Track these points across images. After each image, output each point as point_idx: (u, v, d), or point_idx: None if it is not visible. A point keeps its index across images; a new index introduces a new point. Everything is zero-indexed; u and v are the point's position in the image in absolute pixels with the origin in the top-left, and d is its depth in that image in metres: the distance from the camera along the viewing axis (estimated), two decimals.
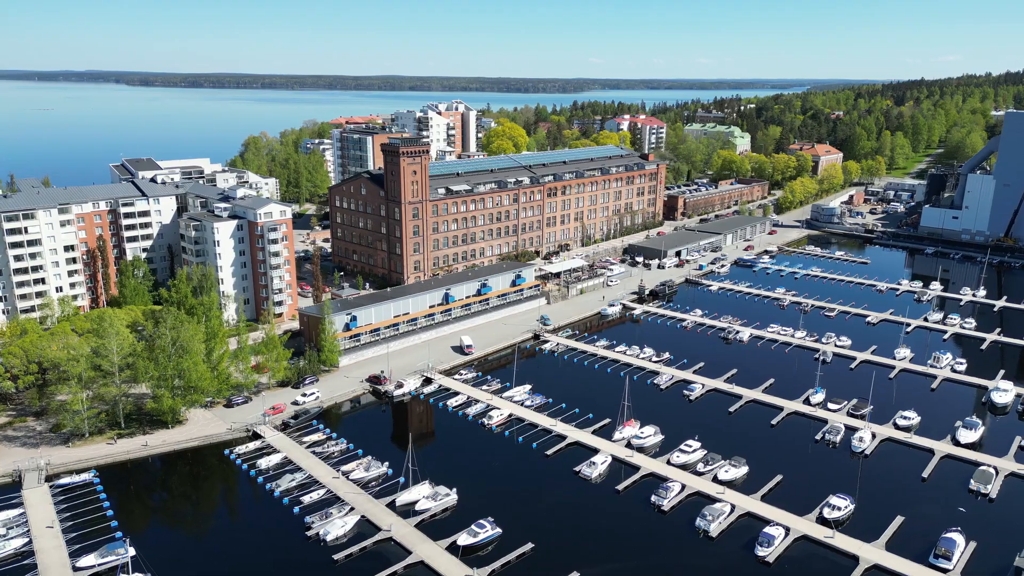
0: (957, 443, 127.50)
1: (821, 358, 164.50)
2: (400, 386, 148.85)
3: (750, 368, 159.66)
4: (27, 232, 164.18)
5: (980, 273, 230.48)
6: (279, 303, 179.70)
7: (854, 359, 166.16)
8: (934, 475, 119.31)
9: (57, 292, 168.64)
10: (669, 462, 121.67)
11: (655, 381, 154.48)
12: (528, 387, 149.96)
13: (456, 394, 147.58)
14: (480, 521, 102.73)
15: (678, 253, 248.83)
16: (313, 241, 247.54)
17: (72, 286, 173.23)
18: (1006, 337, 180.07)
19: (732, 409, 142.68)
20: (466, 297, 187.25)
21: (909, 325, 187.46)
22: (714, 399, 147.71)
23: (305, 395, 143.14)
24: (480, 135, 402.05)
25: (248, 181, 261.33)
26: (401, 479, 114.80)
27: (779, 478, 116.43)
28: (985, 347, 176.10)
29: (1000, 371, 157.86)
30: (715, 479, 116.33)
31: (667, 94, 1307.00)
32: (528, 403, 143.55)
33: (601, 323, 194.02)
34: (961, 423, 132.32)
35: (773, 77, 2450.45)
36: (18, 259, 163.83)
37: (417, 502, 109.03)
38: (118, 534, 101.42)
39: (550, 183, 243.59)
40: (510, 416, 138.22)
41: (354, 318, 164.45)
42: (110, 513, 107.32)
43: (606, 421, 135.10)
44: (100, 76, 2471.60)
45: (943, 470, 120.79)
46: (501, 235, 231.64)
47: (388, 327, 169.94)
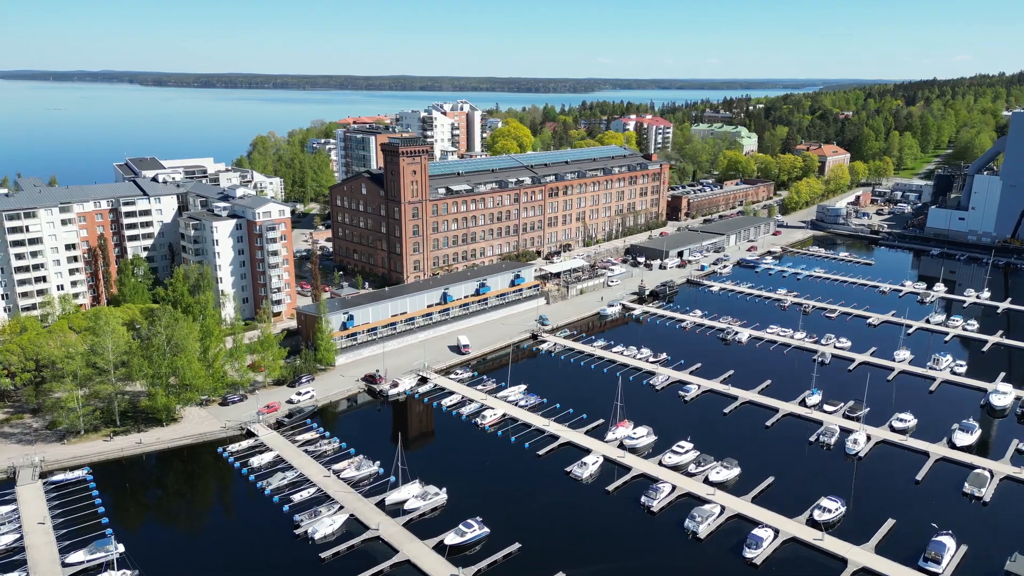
0: (953, 446, 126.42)
1: (819, 359, 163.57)
2: (395, 385, 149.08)
3: (747, 369, 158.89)
4: (28, 231, 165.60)
5: (985, 274, 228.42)
6: (277, 302, 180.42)
7: (853, 361, 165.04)
8: (928, 478, 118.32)
9: (58, 290, 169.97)
10: (661, 463, 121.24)
11: (651, 382, 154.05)
12: (523, 387, 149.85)
13: (451, 394, 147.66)
14: (468, 521, 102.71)
15: (680, 254, 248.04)
16: (316, 241, 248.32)
17: (73, 284, 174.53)
18: (1009, 339, 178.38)
19: (727, 410, 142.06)
20: (464, 297, 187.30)
21: (910, 327, 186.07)
22: (709, 400, 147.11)
23: (300, 394, 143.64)
24: (485, 135, 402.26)
25: (252, 180, 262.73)
26: (392, 478, 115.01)
27: (771, 480, 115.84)
28: (987, 349, 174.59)
29: (1000, 374, 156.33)
30: (706, 480, 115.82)
31: (678, 94, 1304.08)
32: (522, 403, 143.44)
33: (600, 324, 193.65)
34: (958, 426, 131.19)
35: (785, 77, 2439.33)
36: (19, 257, 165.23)
37: (406, 501, 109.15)
38: (108, 531, 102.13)
39: (551, 183, 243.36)
40: (504, 416, 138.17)
41: (351, 317, 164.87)
42: (101, 510, 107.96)
43: (599, 422, 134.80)
44: (114, 76, 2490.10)
45: (937, 473, 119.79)
46: (502, 235, 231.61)
47: (385, 326, 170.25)
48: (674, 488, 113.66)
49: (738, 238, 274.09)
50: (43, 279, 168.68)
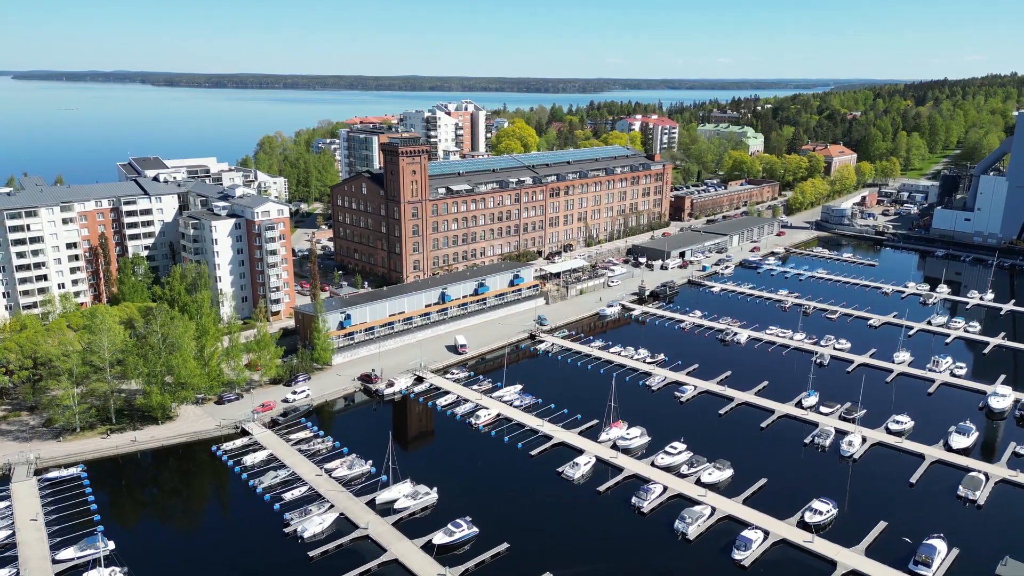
0: (949, 448, 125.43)
1: (818, 361, 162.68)
2: (391, 385, 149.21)
3: (745, 370, 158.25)
4: (30, 229, 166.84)
5: (990, 276, 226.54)
6: (276, 301, 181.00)
7: (851, 362, 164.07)
8: (922, 481, 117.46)
9: (59, 289, 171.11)
10: (653, 464, 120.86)
11: (647, 383, 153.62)
12: (519, 387, 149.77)
13: (446, 393, 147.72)
14: (457, 520, 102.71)
15: (682, 254, 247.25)
16: (318, 240, 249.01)
17: (74, 283, 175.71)
18: (1010, 341, 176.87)
19: (722, 411, 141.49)
20: (463, 296, 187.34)
21: (912, 328, 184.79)
22: (705, 401, 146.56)
23: (296, 393, 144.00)
24: (490, 135, 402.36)
25: (255, 180, 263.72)
26: (383, 478, 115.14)
27: (763, 481, 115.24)
28: (988, 351, 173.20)
29: (1001, 376, 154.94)
30: (698, 481, 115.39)
31: (687, 94, 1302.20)
32: (517, 403, 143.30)
33: (600, 324, 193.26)
34: (955, 428, 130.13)
35: (796, 77, 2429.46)
36: (21, 256, 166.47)
37: (396, 500, 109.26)
38: (100, 528, 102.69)
39: (553, 183, 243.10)
40: (498, 416, 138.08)
41: (348, 316, 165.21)
42: (94, 507, 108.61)
43: (594, 422, 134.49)
44: (126, 76, 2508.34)
45: (932, 476, 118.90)
46: (502, 235, 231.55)
47: (383, 326, 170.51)
48: (665, 489, 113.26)
49: (741, 239, 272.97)
50: (44, 277, 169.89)
